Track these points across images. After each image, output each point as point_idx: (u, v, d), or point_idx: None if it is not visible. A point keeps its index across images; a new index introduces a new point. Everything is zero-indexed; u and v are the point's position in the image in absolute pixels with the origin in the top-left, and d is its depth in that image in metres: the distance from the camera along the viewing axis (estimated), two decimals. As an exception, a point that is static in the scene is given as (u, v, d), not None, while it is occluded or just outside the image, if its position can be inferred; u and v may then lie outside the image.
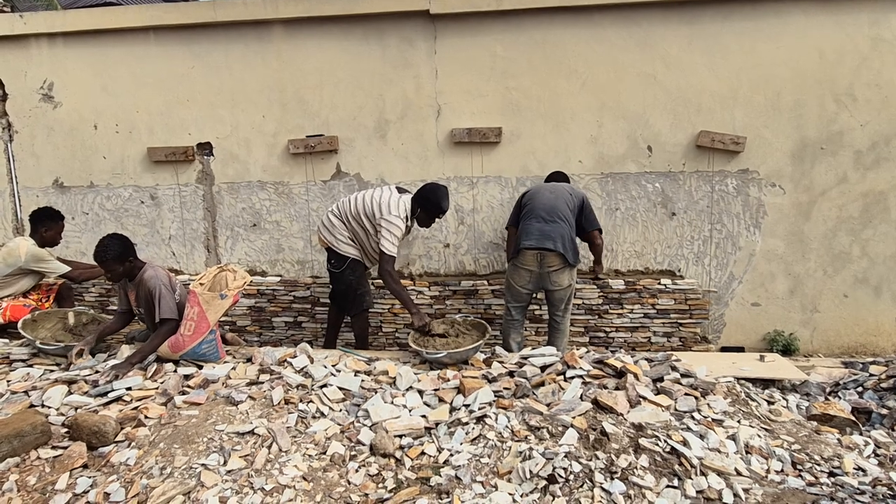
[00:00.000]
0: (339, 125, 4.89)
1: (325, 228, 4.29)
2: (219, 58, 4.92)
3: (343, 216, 4.20)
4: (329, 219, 4.27)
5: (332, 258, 4.28)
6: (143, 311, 3.90)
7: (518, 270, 4.12)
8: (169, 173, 5.18)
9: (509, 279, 4.22)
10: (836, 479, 2.64)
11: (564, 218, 4.08)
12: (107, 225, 5.31)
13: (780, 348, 4.71)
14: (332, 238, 4.24)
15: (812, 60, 4.47)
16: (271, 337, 5.22)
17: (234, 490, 2.62)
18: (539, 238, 4.01)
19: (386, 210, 4.00)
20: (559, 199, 4.14)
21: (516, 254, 4.11)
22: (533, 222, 4.08)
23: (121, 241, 3.72)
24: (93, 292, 5.35)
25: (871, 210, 4.61)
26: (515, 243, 4.16)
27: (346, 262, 4.23)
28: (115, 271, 3.76)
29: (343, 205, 4.22)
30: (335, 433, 3.11)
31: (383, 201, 4.05)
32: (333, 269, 4.28)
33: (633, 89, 4.62)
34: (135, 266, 3.80)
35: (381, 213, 4.01)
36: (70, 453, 2.83)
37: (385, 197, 4.08)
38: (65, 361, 3.84)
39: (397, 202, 4.05)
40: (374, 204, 4.07)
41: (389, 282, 4.05)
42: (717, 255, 4.78)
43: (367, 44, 4.76)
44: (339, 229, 4.22)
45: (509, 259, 4.25)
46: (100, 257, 3.69)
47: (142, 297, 3.83)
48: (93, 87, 5.10)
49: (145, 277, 3.79)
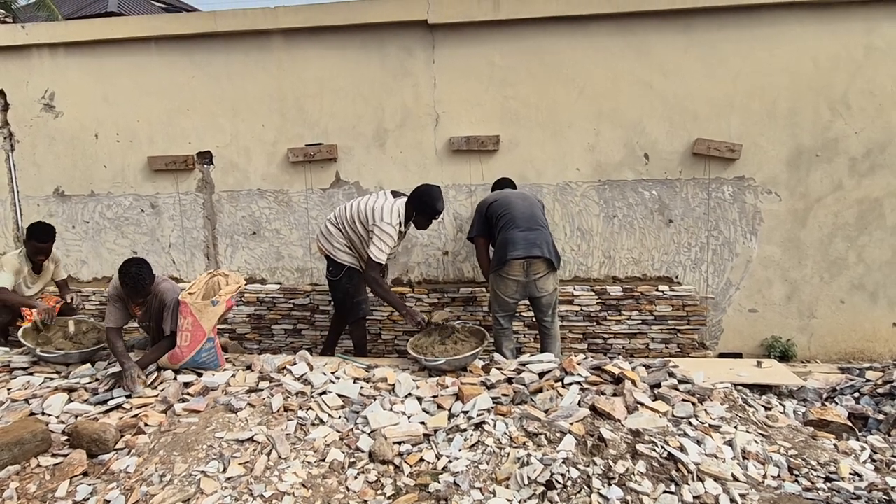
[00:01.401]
0: (339, 134, 4.93)
1: (323, 237, 4.32)
2: (219, 67, 4.96)
3: (339, 224, 4.23)
4: (327, 227, 4.30)
5: (329, 266, 4.31)
6: (153, 323, 3.88)
7: (504, 281, 4.12)
8: (169, 182, 5.21)
9: (495, 290, 4.20)
10: (833, 485, 2.66)
11: (544, 224, 4.15)
12: (107, 233, 5.34)
13: (778, 354, 4.73)
14: (330, 246, 4.26)
15: (807, 68, 4.51)
16: (271, 344, 5.23)
17: (234, 497, 2.64)
18: (526, 247, 4.02)
19: (378, 216, 4.01)
20: (534, 206, 4.22)
21: (501, 265, 4.07)
22: (516, 232, 4.06)
23: (146, 264, 3.63)
24: (93, 301, 5.37)
25: (867, 217, 4.64)
26: (498, 254, 4.12)
27: (343, 269, 4.26)
28: (149, 293, 3.70)
29: (340, 213, 4.25)
30: (334, 440, 3.12)
31: (377, 207, 4.06)
32: (331, 277, 4.31)
33: (629, 97, 4.66)
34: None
35: (374, 220, 4.02)
36: (70, 461, 2.84)
37: (379, 203, 4.09)
38: (64, 369, 3.86)
39: (391, 208, 4.05)
40: (368, 210, 4.08)
41: (375, 287, 4.10)
42: (715, 261, 4.80)
43: (366, 53, 4.81)
44: (336, 237, 4.24)
45: (490, 270, 4.21)
46: (139, 289, 3.54)
47: (153, 310, 3.82)
48: (94, 96, 5.14)
49: (161, 289, 3.76)
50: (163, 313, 3.74)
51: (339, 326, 4.66)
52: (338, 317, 4.63)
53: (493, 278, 4.20)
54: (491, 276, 4.23)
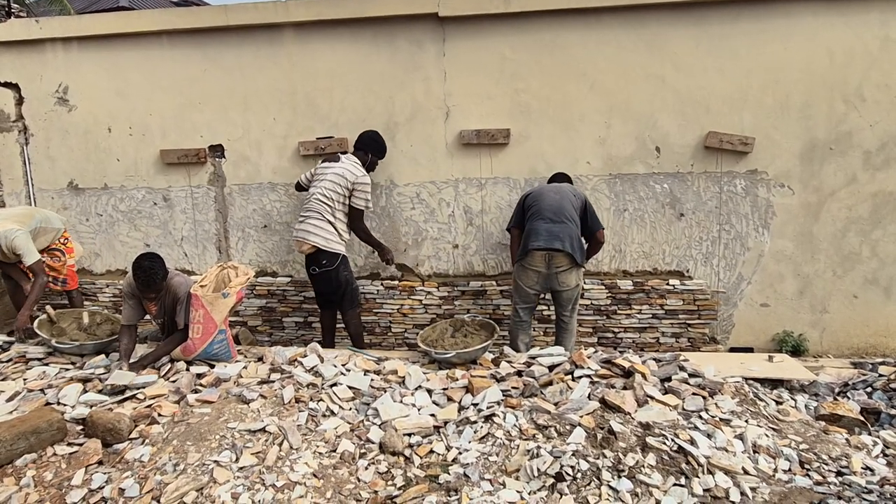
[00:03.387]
0: (349, 127, 4.94)
1: (310, 233, 4.35)
2: (231, 61, 4.99)
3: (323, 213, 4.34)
4: (311, 223, 4.36)
5: (322, 258, 4.36)
6: (167, 318, 3.91)
7: (526, 271, 4.14)
8: (181, 175, 5.25)
9: (517, 280, 4.23)
10: (844, 479, 2.65)
11: (571, 218, 4.10)
12: (120, 226, 5.39)
13: (790, 349, 4.69)
14: (321, 239, 4.34)
15: (821, 61, 4.46)
16: (282, 337, 5.27)
17: (246, 486, 2.67)
18: (548, 238, 4.03)
19: (353, 175, 4.36)
20: (564, 200, 4.16)
21: (524, 255, 4.11)
22: (540, 223, 4.08)
23: (159, 259, 3.67)
24: (107, 293, 5.43)
25: (881, 210, 4.59)
26: (522, 244, 4.17)
27: (338, 258, 4.39)
28: (161, 289, 3.74)
29: (317, 205, 4.36)
30: (345, 431, 3.15)
31: (345, 171, 4.37)
32: (328, 268, 4.37)
33: (641, 91, 4.63)
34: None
35: (352, 179, 4.36)
36: (85, 450, 2.89)
37: (340, 168, 4.39)
38: (79, 360, 3.91)
39: (354, 164, 4.43)
40: (339, 178, 4.36)
41: (366, 235, 4.57)
42: (726, 255, 4.77)
43: (376, 46, 4.81)
44: (325, 229, 4.36)
45: (515, 261, 4.26)
46: (151, 284, 3.59)
47: (167, 304, 3.86)
48: (107, 90, 5.18)
49: (174, 283, 3.80)
50: (176, 307, 3.78)
51: (332, 322, 4.72)
52: (328, 313, 4.68)
53: (516, 268, 4.22)
54: (515, 266, 4.25)
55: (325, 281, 4.44)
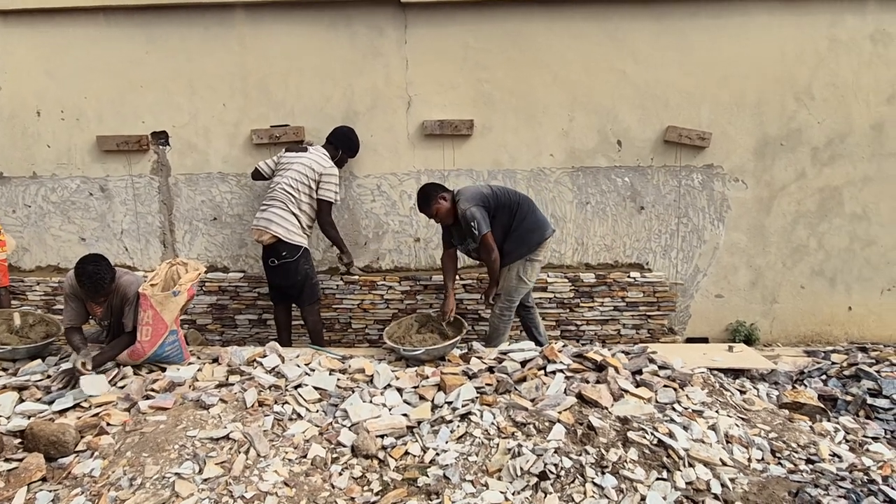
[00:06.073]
0: (306, 115, 4.72)
1: (272, 223, 4.17)
2: (176, 42, 4.65)
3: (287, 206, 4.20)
4: (274, 212, 4.19)
5: (282, 249, 4.19)
6: (114, 319, 3.62)
7: (534, 265, 4.10)
8: (121, 164, 4.88)
9: (520, 277, 4.08)
10: (815, 466, 2.72)
11: None
12: (52, 218, 4.97)
13: (742, 338, 4.85)
14: (283, 230, 4.18)
15: (774, 59, 4.58)
16: (234, 335, 5.00)
17: (213, 500, 2.48)
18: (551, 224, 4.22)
19: (320, 166, 4.25)
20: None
21: (536, 246, 4.05)
22: (538, 213, 4.16)
23: (104, 261, 3.38)
24: (37, 291, 4.99)
25: (827, 204, 4.79)
26: (529, 239, 4.03)
27: (299, 251, 4.24)
28: (110, 292, 3.47)
29: (282, 195, 4.21)
30: (314, 435, 3.00)
31: (312, 161, 4.26)
32: (288, 259, 4.19)
33: (603, 84, 4.63)
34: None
35: (319, 170, 4.24)
36: (27, 466, 2.61)
37: (308, 158, 4.27)
38: (12, 366, 3.57)
39: (322, 155, 4.32)
40: (305, 169, 4.23)
41: (332, 230, 4.42)
42: (684, 248, 4.87)
43: (335, 31, 4.60)
44: (289, 220, 4.21)
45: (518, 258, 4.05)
46: (100, 289, 3.33)
47: (115, 305, 3.56)
48: (36, 70, 4.74)
49: (123, 283, 3.51)
50: (124, 308, 3.50)
51: (287, 319, 4.54)
52: (282, 308, 4.50)
53: (521, 265, 4.07)
54: (517, 263, 4.07)
55: (284, 273, 4.23)
